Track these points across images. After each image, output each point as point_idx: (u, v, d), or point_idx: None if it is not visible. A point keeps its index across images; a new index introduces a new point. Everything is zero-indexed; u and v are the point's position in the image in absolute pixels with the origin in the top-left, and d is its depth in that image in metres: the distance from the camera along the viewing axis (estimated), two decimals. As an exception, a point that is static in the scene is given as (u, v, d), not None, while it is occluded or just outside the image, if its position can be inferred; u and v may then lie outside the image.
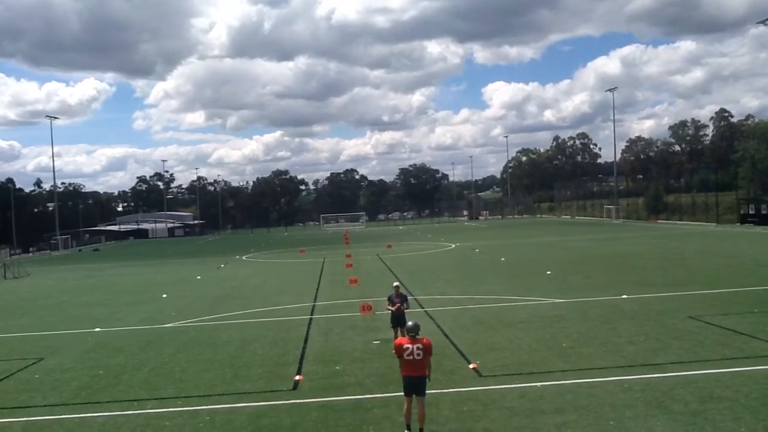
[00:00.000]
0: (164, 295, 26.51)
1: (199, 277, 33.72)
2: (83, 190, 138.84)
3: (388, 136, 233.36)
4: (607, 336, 14.78)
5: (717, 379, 11.09)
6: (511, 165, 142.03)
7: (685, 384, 10.88)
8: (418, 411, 9.21)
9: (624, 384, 11.03)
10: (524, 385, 11.24)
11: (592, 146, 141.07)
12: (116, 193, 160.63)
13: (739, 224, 56.03)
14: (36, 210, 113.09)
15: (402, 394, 9.49)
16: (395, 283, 15.17)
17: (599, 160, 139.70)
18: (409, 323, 9.70)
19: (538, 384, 11.26)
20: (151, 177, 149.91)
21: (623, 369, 12.00)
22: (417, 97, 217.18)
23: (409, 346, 9.22)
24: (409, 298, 15.58)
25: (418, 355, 9.16)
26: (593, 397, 10.42)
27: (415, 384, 9.19)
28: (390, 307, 14.36)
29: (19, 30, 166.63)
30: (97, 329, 19.39)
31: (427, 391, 9.44)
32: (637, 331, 15.07)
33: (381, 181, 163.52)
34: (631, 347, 13.63)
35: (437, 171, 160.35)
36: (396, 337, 13.25)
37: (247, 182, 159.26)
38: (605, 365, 12.33)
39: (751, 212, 56.56)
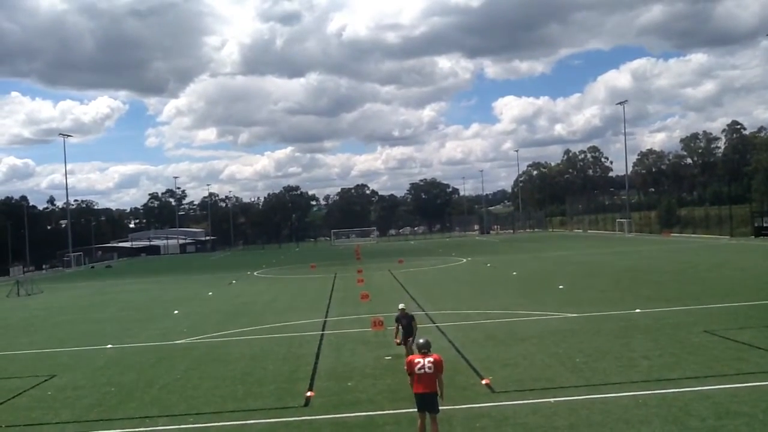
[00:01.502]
0: (176, 312, 26.56)
1: (210, 294, 33.78)
2: (96, 207, 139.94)
3: (399, 152, 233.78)
4: (621, 351, 14.63)
5: (734, 394, 10.94)
6: (521, 179, 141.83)
7: (701, 399, 10.73)
8: (432, 429, 9.20)
9: (639, 399, 10.89)
10: (537, 401, 11.13)
11: (603, 160, 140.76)
12: (128, 210, 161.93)
13: (753, 237, 55.52)
14: (49, 227, 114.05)
15: (415, 410, 9.47)
16: (401, 306, 14.78)
17: (611, 174, 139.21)
18: (420, 340, 9.73)
19: (552, 400, 11.15)
20: (163, 194, 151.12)
21: (638, 384, 11.85)
22: (427, 112, 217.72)
23: (421, 360, 9.30)
24: (420, 313, 15.49)
25: (429, 368, 9.20)
26: (607, 413, 10.29)
27: (426, 401, 9.19)
28: (396, 341, 14.15)
29: (34, 50, 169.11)
30: (109, 346, 19.44)
31: (439, 408, 9.37)
32: (652, 346, 14.91)
33: (392, 196, 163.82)
34: (646, 362, 13.48)
35: (448, 186, 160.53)
36: (408, 352, 13.23)
37: (258, 198, 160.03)
38: (619, 380, 12.19)
39: (765, 225, 55.97)
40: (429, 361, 9.24)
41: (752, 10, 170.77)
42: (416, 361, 9.31)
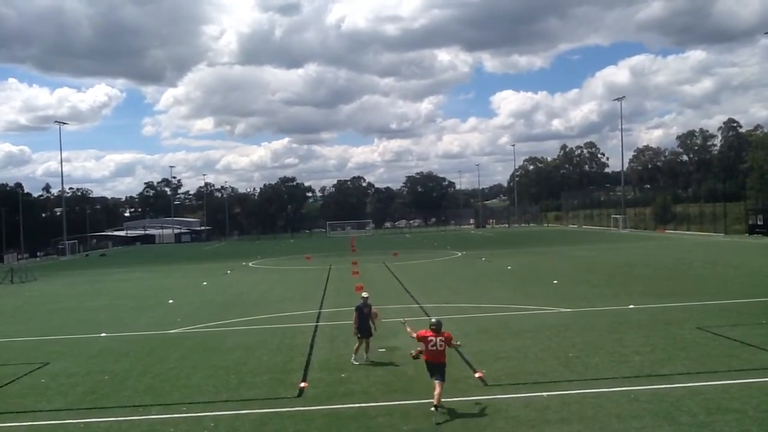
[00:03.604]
0: (170, 301, 26.55)
1: (205, 283, 33.76)
2: (91, 196, 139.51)
3: (396, 144, 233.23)
4: (614, 346, 14.70)
5: (725, 390, 11.01)
6: (518, 173, 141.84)
7: (693, 395, 10.80)
8: (436, 392, 10.41)
9: (630, 394, 10.96)
10: (530, 395, 11.19)
11: (599, 155, 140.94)
12: (124, 199, 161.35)
13: (747, 235, 55.73)
14: (44, 215, 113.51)
15: (407, 402, 9.66)
16: (365, 294, 15.02)
17: (607, 170, 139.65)
18: (433, 320, 11.07)
19: (544, 394, 11.21)
20: (158, 183, 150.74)
21: (630, 379, 11.93)
22: (425, 105, 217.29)
23: (433, 338, 10.72)
24: (414, 306, 15.54)
25: (441, 345, 10.71)
26: (599, 408, 10.35)
27: (436, 369, 10.68)
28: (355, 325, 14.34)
29: (31, 36, 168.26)
30: (103, 334, 19.43)
31: (431, 400, 9.90)
32: (644, 342, 14.98)
33: (388, 188, 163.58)
34: (638, 357, 13.55)
35: (444, 179, 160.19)
36: (360, 344, 14.20)
37: (254, 189, 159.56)
38: (611, 375, 12.27)
39: (759, 223, 56.19)
40: (441, 340, 10.72)
41: (752, 8, 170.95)
42: (429, 338, 10.73)
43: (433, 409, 10.30)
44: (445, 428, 9.76)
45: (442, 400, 10.48)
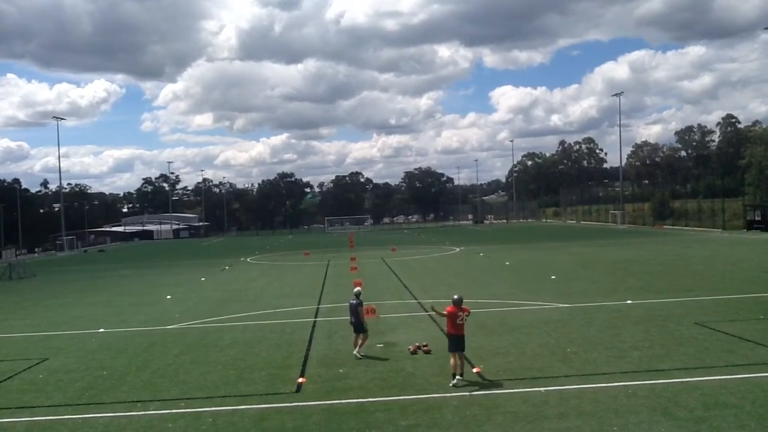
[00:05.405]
0: (168, 297, 26.55)
1: (203, 279, 33.77)
2: (89, 191, 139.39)
3: (395, 140, 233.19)
4: (612, 341, 14.72)
5: (722, 385, 11.03)
6: (516, 169, 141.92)
7: (690, 390, 10.82)
8: (459, 362, 11.79)
9: (628, 390, 10.98)
10: (528, 390, 11.21)
11: (598, 151, 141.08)
12: (122, 195, 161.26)
13: (745, 230, 55.79)
14: (42, 210, 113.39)
15: (404, 397, 9.57)
16: (357, 288, 15.19)
17: (605, 165, 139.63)
18: (455, 296, 12.32)
19: (542, 389, 11.23)
20: (156, 178, 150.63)
21: (627, 375, 11.94)
22: (425, 101, 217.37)
23: (461, 313, 12.05)
24: (413, 301, 15.58)
25: (465, 319, 12.18)
26: (597, 403, 10.37)
27: (458, 341, 11.94)
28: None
29: (30, 31, 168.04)
30: (101, 330, 19.44)
31: (429, 395, 10.19)
32: (642, 337, 15.01)
33: (386, 184, 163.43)
34: (636, 353, 13.58)
35: (442, 174, 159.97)
36: (357, 338, 14.46)
37: (252, 184, 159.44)
38: (609, 371, 12.28)
39: (757, 218, 56.29)
40: (465, 314, 12.16)
41: (752, 3, 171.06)
42: (458, 313, 12.03)
43: (459, 378, 11.68)
44: (444, 424, 9.78)
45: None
